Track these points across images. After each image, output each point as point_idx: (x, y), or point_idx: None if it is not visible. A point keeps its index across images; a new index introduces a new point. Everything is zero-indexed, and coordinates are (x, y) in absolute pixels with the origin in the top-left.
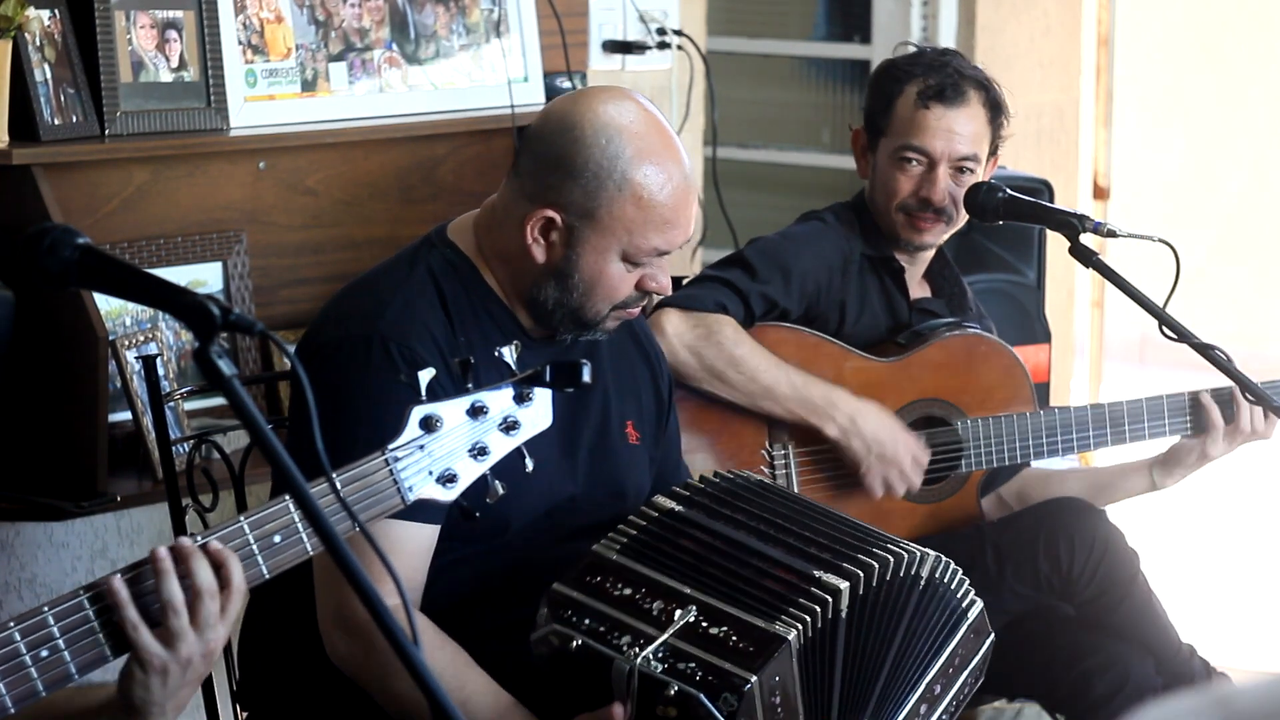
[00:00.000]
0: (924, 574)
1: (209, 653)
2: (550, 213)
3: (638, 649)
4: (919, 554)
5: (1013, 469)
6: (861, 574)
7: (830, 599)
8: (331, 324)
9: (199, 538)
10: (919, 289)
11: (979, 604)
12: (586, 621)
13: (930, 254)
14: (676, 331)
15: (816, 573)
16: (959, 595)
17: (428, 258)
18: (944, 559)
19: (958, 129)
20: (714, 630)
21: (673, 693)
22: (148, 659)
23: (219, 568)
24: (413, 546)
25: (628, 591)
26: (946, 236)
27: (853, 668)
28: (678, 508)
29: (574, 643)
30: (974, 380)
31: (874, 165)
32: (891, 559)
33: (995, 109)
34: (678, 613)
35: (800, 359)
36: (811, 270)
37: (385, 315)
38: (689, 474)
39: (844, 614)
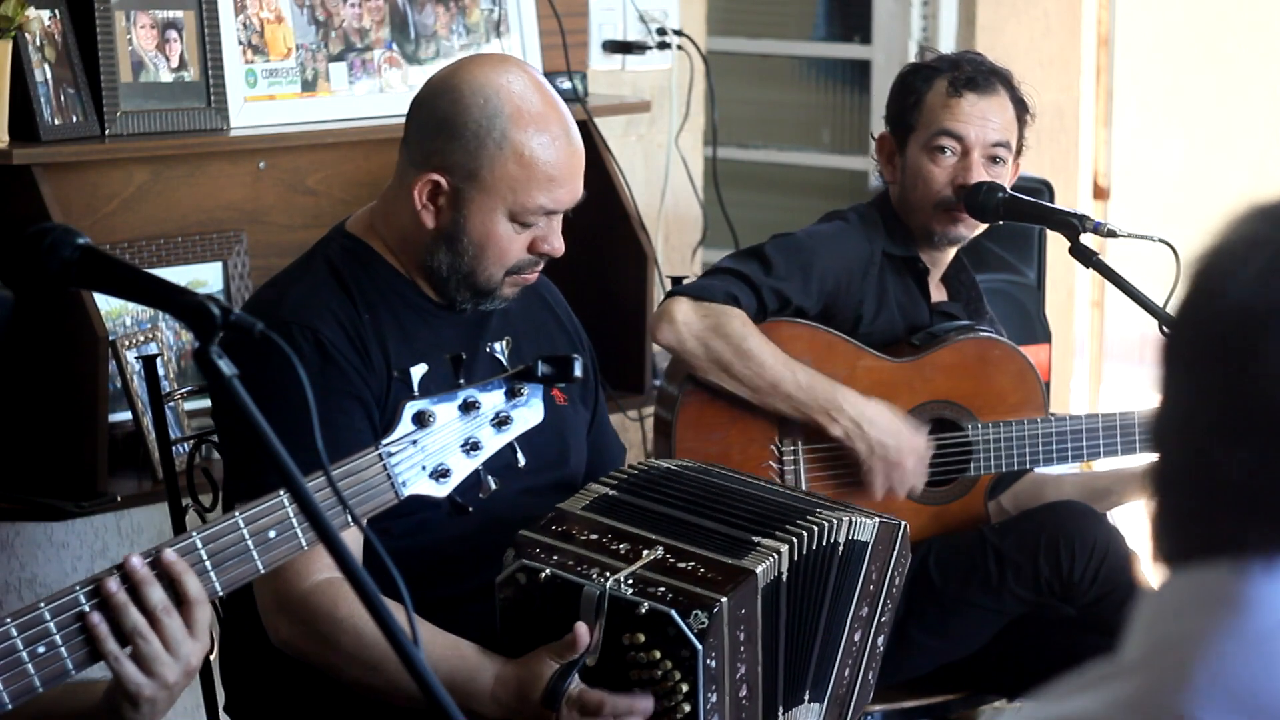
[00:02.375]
0: (841, 540)
1: (190, 670)
2: (436, 176)
3: (607, 576)
4: (841, 520)
5: (1017, 475)
6: (793, 540)
7: (787, 545)
8: None
9: (154, 549)
10: (937, 292)
11: (870, 523)
12: (555, 558)
13: (951, 254)
14: (685, 320)
15: (755, 538)
16: (861, 542)
17: (324, 250)
18: (871, 522)
19: (990, 116)
20: (682, 565)
21: (643, 611)
22: (134, 691)
23: (174, 582)
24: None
25: (594, 536)
26: (978, 231)
27: (794, 636)
28: (611, 492)
29: (542, 574)
30: (986, 384)
31: (904, 166)
32: (810, 531)
33: (1021, 105)
34: (645, 551)
35: (812, 355)
36: (832, 269)
37: (285, 302)
38: (622, 453)
39: (784, 577)
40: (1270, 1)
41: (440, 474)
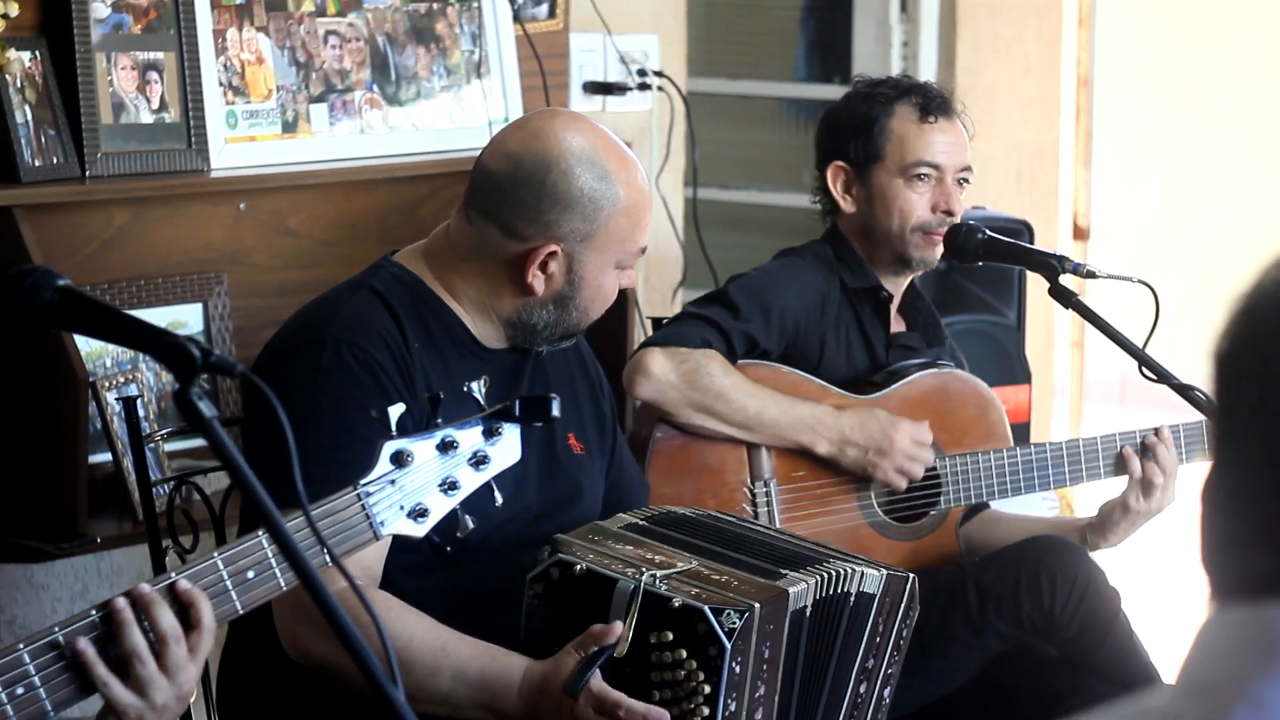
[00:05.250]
0: (853, 590)
1: (183, 696)
2: (552, 247)
3: (643, 572)
4: (852, 570)
5: (982, 507)
6: (818, 578)
7: (813, 580)
8: (279, 341)
9: (172, 574)
10: (895, 323)
11: (877, 575)
12: (590, 556)
13: (907, 281)
14: (662, 371)
15: (783, 570)
16: (868, 593)
17: (372, 279)
18: (877, 573)
19: (959, 140)
20: (716, 576)
21: (676, 605)
22: (123, 711)
23: (188, 607)
24: (371, 550)
25: (629, 547)
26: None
27: (808, 676)
28: (641, 522)
29: (578, 566)
30: (950, 418)
31: (868, 195)
32: (830, 575)
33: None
34: (679, 563)
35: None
36: (792, 308)
37: (334, 321)
38: (645, 491)
39: (808, 610)
40: (1248, 43)
41: (418, 513)
